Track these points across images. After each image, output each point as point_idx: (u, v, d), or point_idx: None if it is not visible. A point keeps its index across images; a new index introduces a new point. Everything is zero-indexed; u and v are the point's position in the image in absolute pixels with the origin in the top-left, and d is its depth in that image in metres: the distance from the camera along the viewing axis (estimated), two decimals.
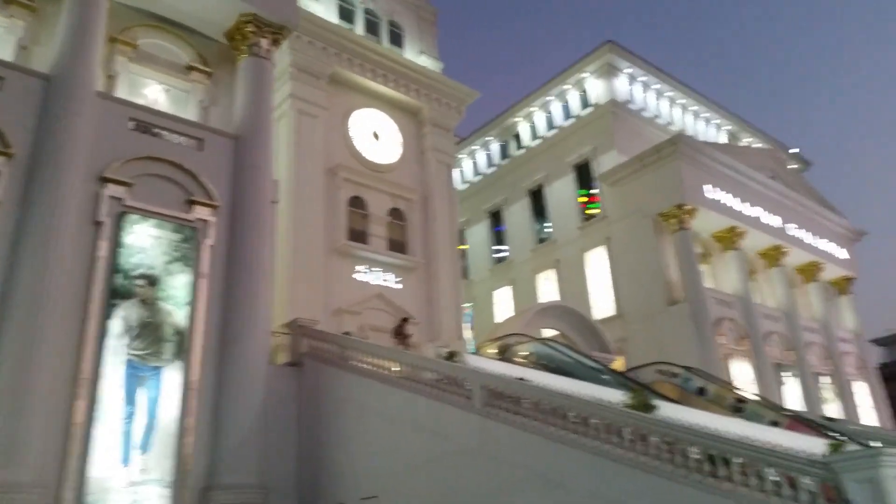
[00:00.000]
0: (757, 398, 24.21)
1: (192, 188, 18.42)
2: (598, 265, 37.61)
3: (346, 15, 30.34)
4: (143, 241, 16.89)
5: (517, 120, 44.97)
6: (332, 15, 29.30)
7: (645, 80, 43.14)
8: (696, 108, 46.66)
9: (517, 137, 45.19)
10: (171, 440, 15.73)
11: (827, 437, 16.59)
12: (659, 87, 44.08)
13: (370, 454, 16.32)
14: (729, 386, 25.90)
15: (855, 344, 44.07)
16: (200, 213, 18.31)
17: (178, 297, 17.00)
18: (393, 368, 17.05)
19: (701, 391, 23.97)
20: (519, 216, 42.92)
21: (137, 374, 15.76)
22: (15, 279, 14.72)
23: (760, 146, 48.33)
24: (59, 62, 17.13)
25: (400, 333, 23.30)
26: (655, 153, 36.10)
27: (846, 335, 43.68)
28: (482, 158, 47.35)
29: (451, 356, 18.13)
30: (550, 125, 43.19)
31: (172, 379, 16.25)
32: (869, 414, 41.21)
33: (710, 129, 47.66)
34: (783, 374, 36.56)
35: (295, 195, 25.01)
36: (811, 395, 37.00)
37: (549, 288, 39.69)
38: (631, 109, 41.32)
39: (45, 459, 14.00)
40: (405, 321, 24.15)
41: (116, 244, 16.39)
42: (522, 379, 15.64)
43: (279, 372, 18.89)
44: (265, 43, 21.52)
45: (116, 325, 15.81)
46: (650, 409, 14.74)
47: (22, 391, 13.85)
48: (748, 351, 34.81)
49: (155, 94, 20.80)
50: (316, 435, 17.84)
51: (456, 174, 34.45)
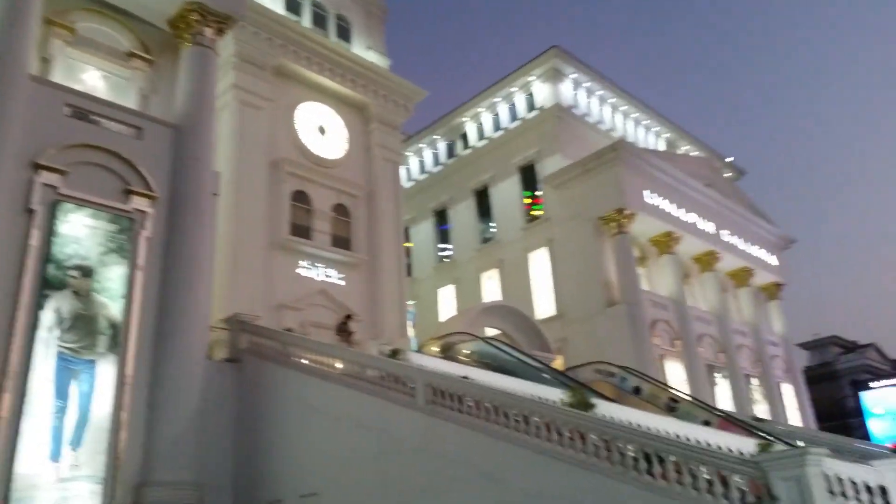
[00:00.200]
0: (689, 398, 24.98)
1: (129, 178, 17.87)
2: (540, 266, 38.11)
3: (292, 6, 29.88)
4: (77, 230, 16.30)
5: (464, 120, 45.17)
6: (278, 6, 28.80)
7: (589, 85, 43.93)
8: (636, 115, 47.75)
9: (464, 137, 45.39)
10: (103, 435, 15.26)
11: (756, 436, 17.21)
12: (602, 93, 44.94)
13: (311, 451, 16.16)
14: (663, 386, 26.65)
15: (783, 347, 45.79)
16: (138, 203, 17.81)
17: (113, 289, 16.47)
18: (336, 365, 16.91)
19: (636, 390, 24.60)
20: (464, 215, 43.13)
21: (69, 367, 15.23)
22: None
23: (697, 154, 49.81)
24: None
25: (343, 330, 23.13)
26: (597, 158, 36.79)
27: (775, 339, 45.37)
28: (429, 156, 47.38)
29: (394, 354, 18.10)
30: (497, 126, 43.56)
31: (106, 373, 15.75)
32: (794, 415, 42.93)
33: (649, 136, 48.85)
34: (715, 375, 37.77)
35: (236, 188, 24.49)
36: (741, 395, 38.28)
37: (492, 287, 39.98)
38: (575, 114, 42.00)
39: None
40: (349, 318, 23.99)
41: (50, 233, 15.79)
42: (466, 377, 15.74)
43: (217, 368, 18.51)
44: (210, 32, 21.02)
45: (48, 316, 15.24)
46: (589, 407, 15.02)
47: None
48: (681, 352, 35.83)
49: (93, 80, 20.14)
50: (255, 432, 17.56)
51: (402, 171, 34.34)
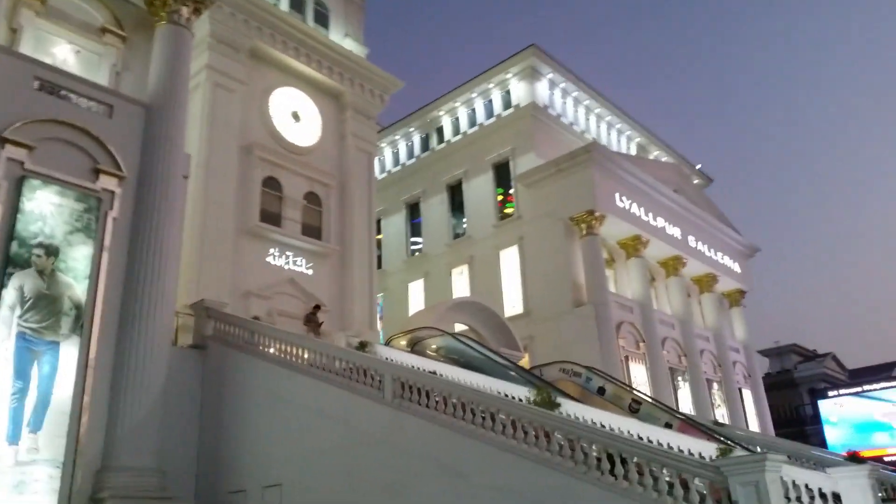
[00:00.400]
0: (651, 400, 25.31)
1: (98, 156, 17.48)
2: (510, 264, 38.22)
3: None
4: (43, 208, 15.88)
5: (440, 114, 45.03)
6: None
7: (564, 86, 44.10)
8: (609, 118, 48.09)
9: (439, 131, 45.26)
10: (64, 419, 14.94)
11: (716, 441, 17.48)
12: (577, 94, 45.15)
13: (275, 442, 16.07)
14: (627, 387, 26.96)
15: (744, 354, 46.58)
16: (106, 182, 17.42)
17: (78, 269, 16.10)
18: (303, 356, 16.79)
19: (601, 391, 24.84)
20: (436, 210, 43.02)
21: (31, 348, 14.86)
22: None
23: (667, 160, 50.41)
24: None
25: (311, 321, 22.97)
26: (570, 159, 36.98)
27: (736, 345, 46.09)
28: (403, 149, 47.16)
29: (362, 346, 18.05)
30: (472, 122, 43.51)
31: (69, 355, 15.41)
32: (753, 420, 43.73)
33: (621, 139, 49.27)
34: (678, 378, 38.34)
35: (206, 171, 24.11)
36: (702, 399, 38.81)
37: (462, 283, 39.97)
38: (550, 114, 42.14)
39: None
40: (317, 308, 23.83)
41: (14, 210, 15.36)
42: (434, 372, 15.75)
43: (182, 354, 18.32)
44: (186, 11, 20.60)
45: (10, 294, 14.84)
46: (555, 406, 15.14)
47: None
48: (645, 354, 36.25)
49: (64, 54, 19.62)
50: (219, 420, 17.41)
51: (375, 162, 34.15)
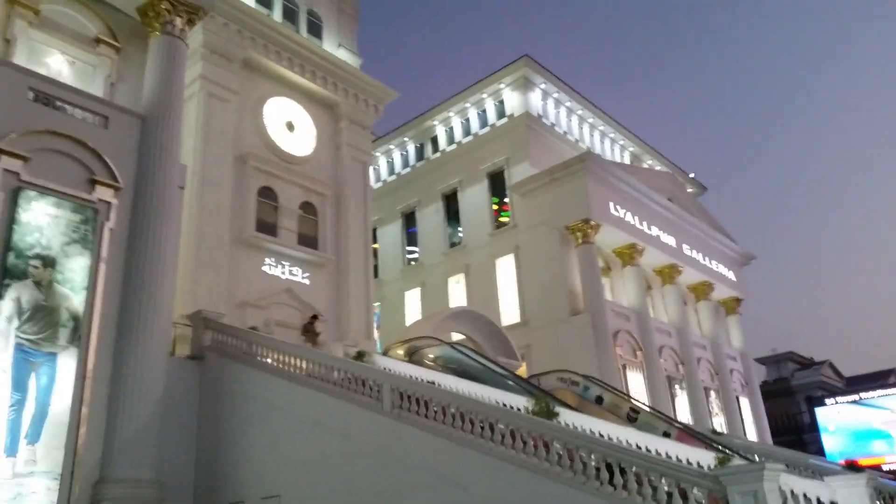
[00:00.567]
0: (649, 409, 25.29)
1: (94, 167, 17.47)
2: (506, 272, 38.26)
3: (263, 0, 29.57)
4: (40, 219, 15.85)
5: (434, 123, 45.19)
6: None
7: (557, 96, 44.38)
8: (602, 127, 48.38)
9: (434, 141, 45.41)
10: (62, 430, 14.87)
11: (714, 450, 17.46)
12: (570, 104, 45.41)
13: (273, 453, 16.00)
14: (625, 396, 26.94)
15: (741, 362, 46.70)
16: (102, 193, 17.42)
17: (75, 280, 16.06)
18: (302, 366, 16.74)
19: (599, 400, 24.83)
20: (432, 219, 43.10)
21: (29, 359, 14.81)
22: None
23: (661, 169, 50.65)
24: None
25: (309, 331, 22.90)
26: (565, 168, 37.15)
27: (733, 353, 46.23)
28: (398, 158, 47.29)
29: (360, 356, 18.02)
30: (467, 132, 43.70)
31: (67, 366, 15.37)
32: (751, 429, 43.78)
33: (615, 148, 49.54)
34: (675, 386, 38.35)
35: (201, 181, 24.08)
36: (700, 408, 38.86)
37: (458, 292, 40.01)
38: (544, 123, 42.38)
39: None
40: (315, 318, 23.76)
41: (11, 221, 15.34)
42: (432, 382, 15.71)
43: (179, 365, 18.28)
44: (180, 22, 20.66)
45: (7, 306, 14.80)
46: (553, 415, 15.11)
47: None
48: (643, 363, 36.29)
49: (58, 64, 19.63)
50: (216, 431, 17.34)
51: (371, 172, 34.20)
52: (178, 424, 17.25)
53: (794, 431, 55.19)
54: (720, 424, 39.52)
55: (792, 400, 59.17)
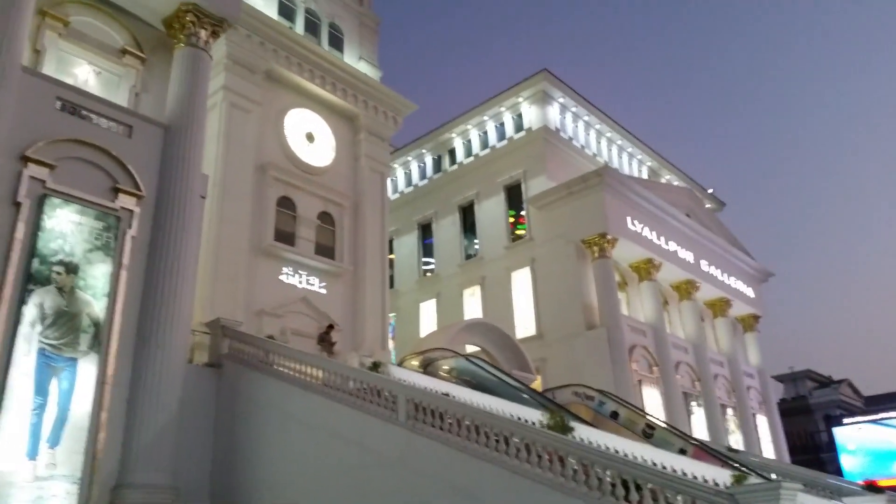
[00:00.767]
0: (665, 425, 25.10)
1: (117, 175, 17.76)
2: (522, 285, 38.26)
3: (286, 12, 29.96)
4: (63, 226, 16.12)
5: (452, 136, 45.42)
6: (272, 10, 28.83)
7: (575, 110, 44.48)
8: (620, 142, 48.40)
9: (451, 153, 45.62)
10: (82, 435, 15.07)
11: (730, 467, 17.31)
12: (588, 118, 45.50)
13: (289, 461, 16.07)
14: (640, 411, 26.75)
15: (758, 379, 46.32)
16: (125, 202, 17.69)
17: (97, 287, 16.29)
18: (318, 375, 16.82)
19: (614, 415, 24.68)
20: (448, 231, 43.23)
21: (50, 364, 15.02)
22: None
23: (679, 184, 50.49)
24: None
25: (325, 340, 23.03)
26: (582, 182, 37.16)
27: (750, 370, 45.86)
28: (415, 170, 47.53)
29: (375, 366, 18.01)
30: (484, 144, 43.87)
31: (87, 372, 15.57)
32: (768, 447, 43.34)
33: (633, 163, 49.49)
34: (691, 403, 38.05)
35: (222, 190, 24.38)
36: (716, 425, 38.57)
37: (474, 304, 40.05)
38: (562, 137, 42.45)
39: None
40: (330, 328, 23.88)
41: (36, 227, 15.60)
42: (447, 394, 15.72)
43: (197, 372, 18.42)
44: (204, 34, 20.98)
45: (31, 311, 15.02)
46: (568, 430, 15.04)
47: None
48: (659, 378, 36.10)
49: (85, 74, 19.97)
50: (233, 438, 17.43)
51: (388, 183, 34.42)
52: (194, 431, 17.37)
53: (811, 450, 54.48)
54: (737, 442, 39.14)
55: (810, 418, 58.44)
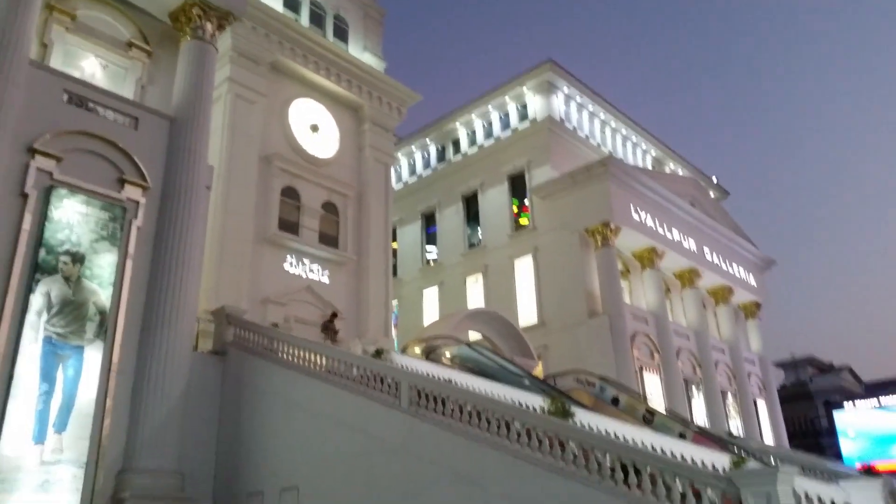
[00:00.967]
0: (665, 411, 25.30)
1: (124, 167, 17.99)
2: (524, 274, 38.41)
3: (291, 4, 29.99)
4: (70, 216, 16.39)
5: (456, 126, 45.42)
6: (276, 2, 28.87)
7: (580, 100, 44.42)
8: (625, 132, 48.33)
9: (455, 143, 45.65)
10: (88, 421, 15.37)
11: (730, 452, 17.50)
12: (592, 108, 45.44)
13: (293, 446, 16.32)
14: (641, 397, 26.96)
15: (759, 366, 46.41)
16: (131, 192, 17.94)
17: (103, 276, 16.56)
18: (321, 363, 17.06)
19: (615, 401, 24.87)
20: (452, 220, 43.35)
21: (57, 351, 15.32)
22: None
23: (683, 173, 50.46)
24: None
25: (328, 328, 23.27)
26: (586, 172, 37.22)
27: (751, 357, 45.96)
28: (419, 159, 47.60)
29: (378, 354, 18.23)
30: (488, 134, 43.88)
31: (93, 359, 15.85)
32: (768, 432, 43.52)
33: (637, 152, 49.45)
34: (692, 389, 38.23)
35: (226, 180, 24.58)
36: (716, 411, 38.73)
37: (476, 292, 40.20)
38: (566, 127, 42.42)
39: None
40: (334, 316, 24.12)
41: (43, 218, 15.89)
42: (449, 381, 15.93)
43: (202, 359, 18.68)
44: (210, 27, 21.16)
45: (38, 300, 15.33)
46: (569, 415, 15.25)
47: None
48: (660, 365, 36.25)
49: (91, 67, 20.17)
50: (237, 424, 17.70)
51: (392, 173, 34.54)
52: (199, 417, 17.62)
53: (811, 435, 54.73)
54: (737, 427, 39.33)
55: (810, 404, 58.67)
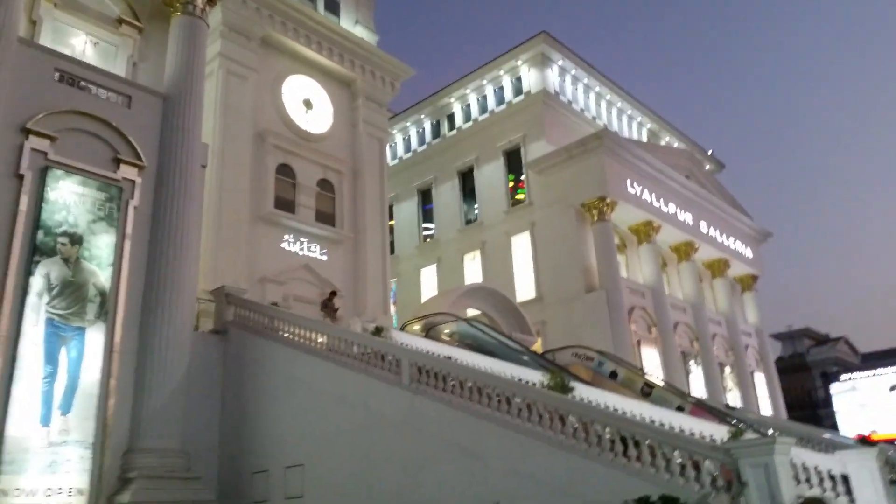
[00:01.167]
0: (663, 384, 25.53)
1: (118, 146, 17.83)
2: (522, 249, 38.42)
3: None
4: (66, 197, 16.28)
5: (451, 101, 45.08)
6: None
7: (575, 73, 44.04)
8: (620, 105, 48.01)
9: (450, 118, 45.34)
10: (92, 402, 15.43)
11: (727, 424, 17.71)
12: (587, 81, 45.07)
13: (296, 424, 16.45)
14: (639, 371, 27.18)
15: (756, 338, 46.75)
16: (126, 172, 17.81)
17: (101, 257, 16.51)
18: (322, 341, 17.12)
19: (613, 375, 25.11)
20: (448, 196, 43.22)
21: (59, 333, 15.32)
22: None
23: (678, 146, 50.30)
24: None
25: (327, 306, 23.31)
26: (581, 146, 37.05)
27: (748, 329, 46.28)
28: (414, 135, 47.29)
29: (377, 331, 18.33)
30: (483, 109, 43.58)
31: (95, 340, 15.87)
32: (765, 404, 43.97)
33: (632, 125, 49.21)
34: (690, 362, 38.52)
35: (221, 158, 24.35)
36: (714, 383, 39.03)
37: (474, 268, 40.21)
38: (561, 101, 42.13)
39: None
40: (333, 294, 24.14)
41: (39, 199, 15.77)
42: (449, 358, 16.02)
43: (203, 339, 18.72)
44: (200, 2, 20.82)
45: (38, 282, 15.29)
46: (568, 390, 15.43)
47: None
48: (657, 339, 36.47)
49: (81, 45, 19.88)
50: (240, 403, 17.81)
51: (387, 149, 34.34)
52: (202, 396, 17.71)
53: (808, 407, 55.33)
54: (734, 399, 39.71)
55: (807, 375, 59.23)
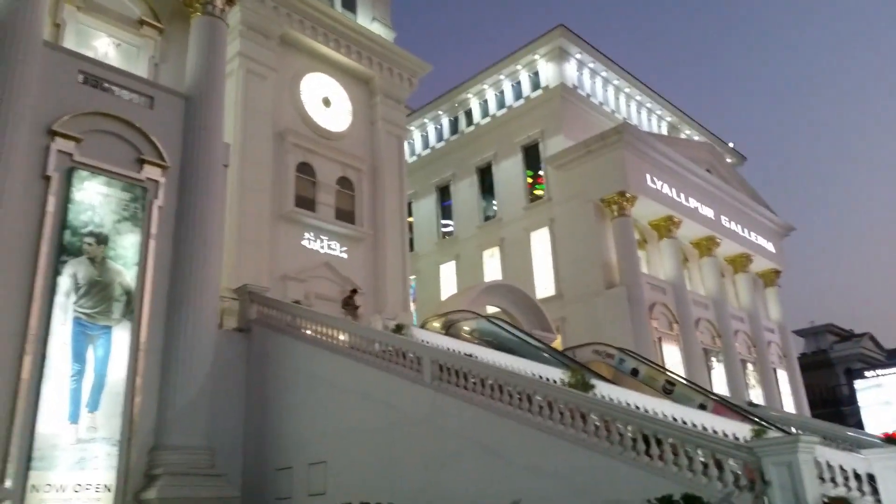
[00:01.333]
0: (685, 381, 25.38)
1: (142, 147, 18.09)
2: (541, 245, 38.27)
3: None
4: (92, 198, 16.57)
5: (468, 96, 44.98)
6: None
7: (593, 66, 43.73)
8: (639, 98, 47.58)
9: (468, 114, 45.26)
10: (119, 399, 15.72)
11: (750, 422, 17.59)
12: (606, 74, 44.72)
13: (318, 421, 16.60)
14: (660, 368, 27.02)
15: (779, 334, 46.19)
16: (150, 172, 18.07)
17: (127, 256, 16.79)
18: (344, 339, 17.25)
19: (634, 372, 25.00)
20: (466, 192, 43.15)
21: (86, 332, 15.63)
22: None
23: (699, 139, 49.81)
24: (3, 6, 16.39)
25: (349, 304, 23.46)
26: (601, 140, 36.78)
27: (771, 325, 45.72)
28: (432, 132, 47.27)
29: (398, 329, 18.44)
30: (501, 104, 43.42)
31: (121, 339, 16.16)
32: (788, 401, 43.46)
33: (652, 119, 48.80)
34: (712, 359, 38.19)
35: (241, 157, 24.51)
36: (737, 380, 38.61)
37: (493, 265, 40.12)
38: (579, 95, 41.82)
39: None
40: (354, 292, 24.29)
41: (66, 200, 16.08)
42: (470, 355, 16.08)
43: (227, 336, 18.93)
44: (220, 2, 21.05)
45: (65, 282, 15.60)
46: (589, 388, 15.42)
47: None
48: (679, 335, 36.16)
49: (104, 47, 20.20)
50: (263, 400, 18.00)
51: (405, 146, 34.39)
52: (226, 394, 17.93)
53: (832, 404, 54.52)
54: (757, 397, 39.31)
55: (831, 372, 58.37)
